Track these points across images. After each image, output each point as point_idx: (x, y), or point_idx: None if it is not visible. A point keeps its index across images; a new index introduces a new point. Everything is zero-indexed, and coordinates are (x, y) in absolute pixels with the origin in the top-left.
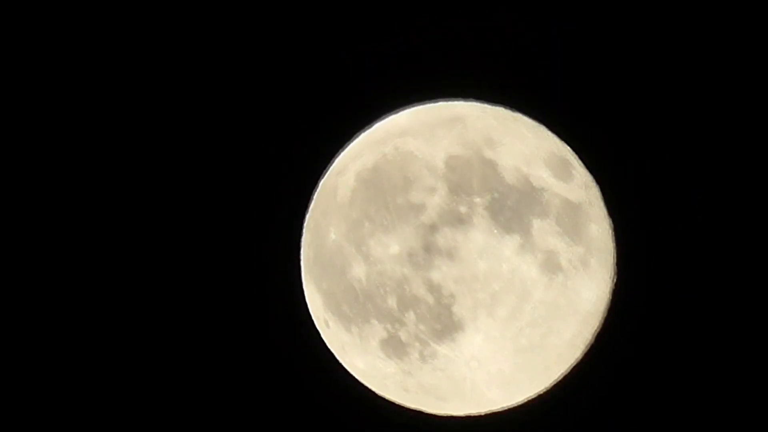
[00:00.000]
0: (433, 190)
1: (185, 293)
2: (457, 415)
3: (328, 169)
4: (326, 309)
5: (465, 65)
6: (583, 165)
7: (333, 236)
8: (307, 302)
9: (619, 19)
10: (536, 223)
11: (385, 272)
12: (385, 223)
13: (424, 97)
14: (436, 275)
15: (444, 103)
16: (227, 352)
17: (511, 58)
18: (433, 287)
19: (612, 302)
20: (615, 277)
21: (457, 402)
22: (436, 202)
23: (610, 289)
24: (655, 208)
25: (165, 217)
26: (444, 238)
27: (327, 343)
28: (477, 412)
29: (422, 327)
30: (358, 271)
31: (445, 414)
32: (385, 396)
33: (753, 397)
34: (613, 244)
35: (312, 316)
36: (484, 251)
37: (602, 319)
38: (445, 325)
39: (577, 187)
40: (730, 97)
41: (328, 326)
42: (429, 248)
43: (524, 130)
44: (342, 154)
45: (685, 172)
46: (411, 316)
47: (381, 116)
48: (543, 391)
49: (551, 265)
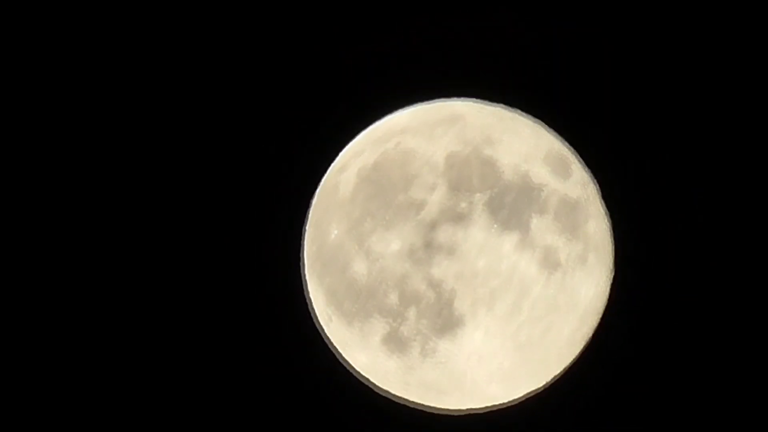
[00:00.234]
0: (434, 187)
1: (187, 290)
2: (458, 409)
3: (330, 167)
4: (328, 305)
5: (464, 64)
6: (581, 162)
7: (334, 233)
8: (310, 298)
9: (618, 19)
10: (535, 220)
11: (386, 268)
12: (386, 220)
13: (424, 95)
14: (436, 271)
15: (444, 101)
16: (229, 348)
17: (510, 57)
18: (434, 283)
19: (611, 299)
20: (613, 273)
21: (457, 397)
22: (437, 199)
23: (609, 286)
24: (654, 206)
25: (167, 215)
26: (444, 234)
27: (329, 338)
28: (477, 407)
29: (423, 323)
30: (360, 268)
31: (445, 409)
32: (387, 391)
33: (752, 394)
34: (612, 240)
35: (314, 312)
36: (484, 248)
37: (601, 315)
38: (446, 320)
39: (575, 184)
40: (730, 96)
41: (330, 322)
42: (429, 245)
43: (523, 128)
44: (343, 152)
45: (684, 170)
46: (412, 312)
47: (381, 115)
48: (542, 386)
49: (550, 262)
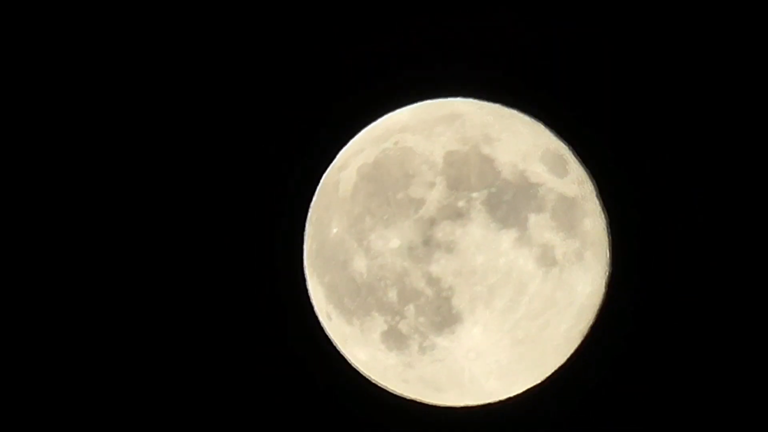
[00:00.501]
0: (432, 185)
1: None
2: (456, 405)
3: (330, 165)
4: (328, 302)
5: (463, 64)
6: (578, 161)
7: (335, 230)
8: (310, 295)
9: (615, 18)
10: (532, 218)
11: (385, 265)
12: (386, 218)
13: (424, 94)
14: (435, 268)
15: (443, 100)
16: (231, 345)
17: (509, 57)
18: (433, 280)
19: (607, 295)
20: (610, 270)
21: (455, 393)
22: (435, 197)
23: (605, 282)
24: (649, 203)
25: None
26: (443, 232)
27: (329, 335)
28: (475, 403)
29: (422, 319)
30: (360, 265)
31: (444, 404)
32: (386, 387)
33: (746, 387)
34: (608, 237)
35: (314, 308)
36: (482, 245)
37: (597, 311)
38: (444, 317)
39: (572, 182)
40: (725, 95)
41: (330, 319)
42: (428, 242)
43: (521, 127)
44: (343, 150)
45: (679, 168)
46: (411, 309)
47: (381, 113)
48: (539, 382)
49: (547, 259)
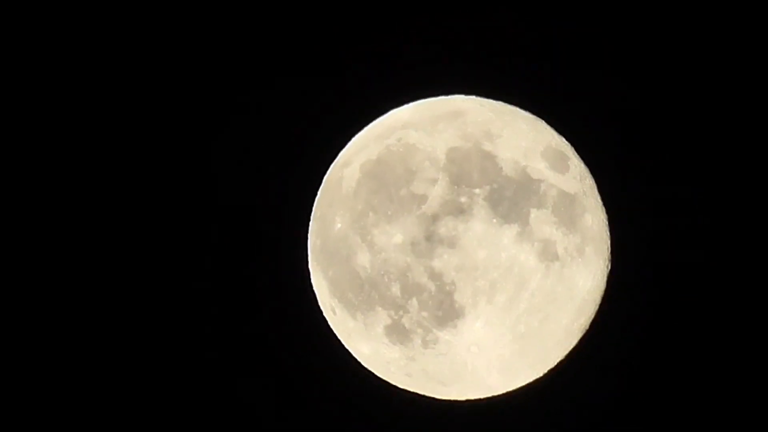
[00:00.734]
0: (435, 181)
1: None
2: (458, 399)
3: (334, 162)
4: (332, 296)
5: (465, 62)
6: (578, 157)
7: (339, 226)
8: (315, 290)
9: (615, 17)
10: (534, 214)
11: (388, 261)
12: (389, 213)
13: (426, 92)
14: (437, 263)
15: (445, 98)
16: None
17: (510, 55)
18: (435, 275)
19: (607, 289)
20: (610, 265)
21: (458, 386)
22: (438, 193)
23: (605, 277)
24: (649, 199)
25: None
26: (445, 227)
27: (333, 329)
28: (477, 397)
29: (425, 314)
30: (363, 260)
31: (446, 398)
32: (389, 380)
33: (744, 378)
34: (608, 233)
35: (319, 303)
36: (484, 240)
37: (598, 305)
38: (447, 312)
39: (572, 178)
40: (721, 92)
41: (334, 313)
42: (431, 237)
43: (522, 124)
44: (347, 146)
45: (677, 164)
46: (414, 303)
47: (384, 111)
48: (541, 375)
49: (548, 254)
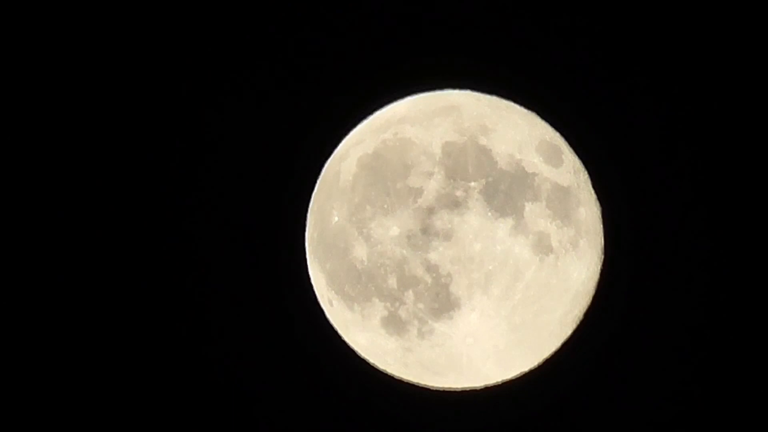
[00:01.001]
0: (431, 175)
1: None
2: (454, 388)
3: (331, 156)
4: (330, 288)
5: (460, 57)
6: (572, 151)
7: (336, 219)
8: (312, 282)
9: (608, 10)
10: (528, 207)
11: (385, 253)
12: (385, 207)
13: (422, 86)
14: (433, 256)
15: (440, 92)
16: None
17: (504, 50)
18: (431, 267)
19: (601, 281)
20: (604, 257)
21: (454, 376)
22: (434, 187)
23: (599, 269)
24: (642, 192)
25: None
26: (441, 220)
27: (331, 320)
28: (473, 386)
29: (421, 305)
30: (360, 252)
31: (442, 388)
32: (386, 371)
33: (737, 368)
34: (602, 226)
35: (316, 295)
36: (479, 233)
37: (591, 297)
38: (443, 303)
39: (567, 172)
40: (717, 86)
41: (331, 305)
42: (427, 230)
43: (517, 118)
44: (344, 140)
45: (671, 158)
46: (410, 295)
47: (381, 105)
48: (535, 366)
49: (543, 247)
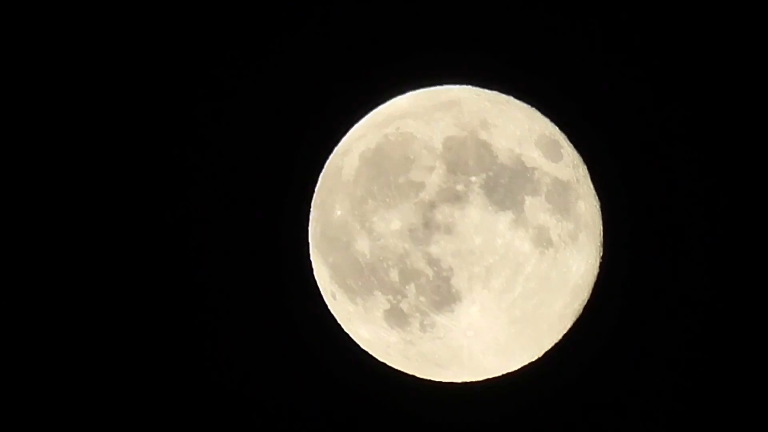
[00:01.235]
0: (432, 169)
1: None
2: (455, 381)
3: (333, 150)
4: (333, 281)
5: (461, 52)
6: (572, 145)
7: (338, 213)
8: (315, 275)
9: (607, 7)
10: (528, 201)
11: (387, 247)
12: (387, 201)
13: (424, 82)
14: (435, 249)
15: (441, 87)
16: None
17: (504, 46)
18: (433, 261)
19: (600, 275)
20: (603, 250)
21: (455, 369)
22: (435, 181)
23: (598, 263)
24: (640, 186)
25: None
26: (442, 214)
27: (333, 313)
28: (474, 379)
29: (422, 299)
30: (362, 246)
31: (443, 380)
32: (388, 363)
33: (736, 360)
34: (601, 219)
35: (319, 288)
36: (480, 227)
37: (590, 290)
38: (444, 296)
39: (566, 166)
40: (714, 82)
41: (334, 298)
42: (428, 224)
43: (517, 113)
44: (346, 135)
45: (669, 153)
46: (412, 288)
47: (383, 100)
48: (535, 358)
49: (542, 240)
